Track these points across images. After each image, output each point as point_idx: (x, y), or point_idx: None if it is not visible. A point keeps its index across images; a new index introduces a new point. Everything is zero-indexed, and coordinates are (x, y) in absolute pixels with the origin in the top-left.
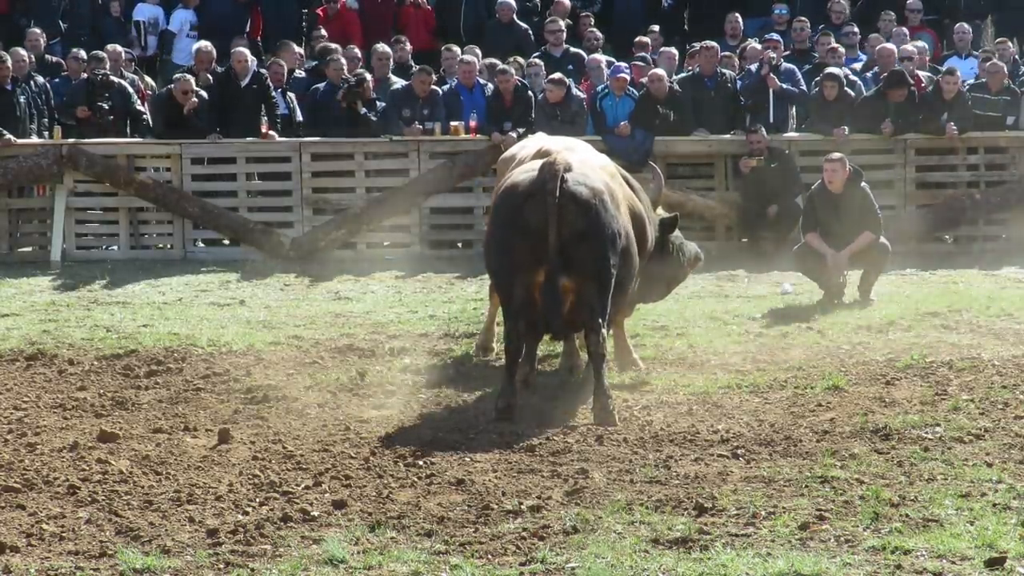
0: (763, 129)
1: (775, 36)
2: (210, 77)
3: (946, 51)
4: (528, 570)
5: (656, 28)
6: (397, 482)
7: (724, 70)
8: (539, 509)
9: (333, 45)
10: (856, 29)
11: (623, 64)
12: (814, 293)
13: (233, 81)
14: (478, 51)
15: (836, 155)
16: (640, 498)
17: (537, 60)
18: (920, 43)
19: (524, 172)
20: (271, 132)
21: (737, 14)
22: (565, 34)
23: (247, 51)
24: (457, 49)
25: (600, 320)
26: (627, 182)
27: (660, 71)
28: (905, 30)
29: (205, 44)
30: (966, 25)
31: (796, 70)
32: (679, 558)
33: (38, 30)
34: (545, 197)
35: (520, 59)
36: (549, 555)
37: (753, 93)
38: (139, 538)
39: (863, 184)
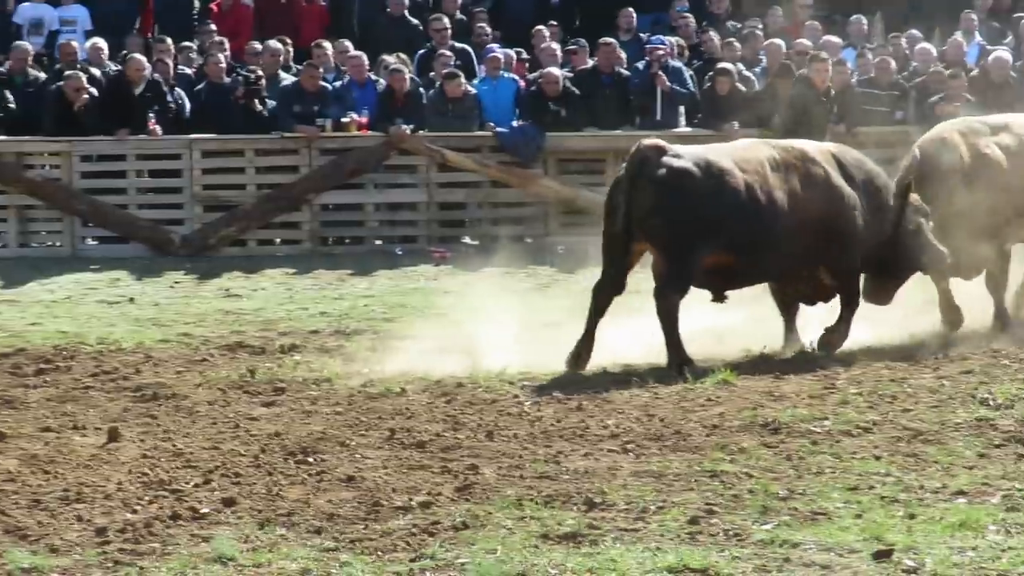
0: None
1: (663, 40)
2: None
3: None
4: (418, 566)
5: (555, 23)
6: (287, 479)
7: (621, 69)
8: (429, 505)
9: (219, 39)
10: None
11: (494, 46)
12: None
13: (126, 87)
14: (348, 44)
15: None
16: (530, 493)
17: (447, 52)
18: (807, 41)
19: None
20: (156, 127)
21: (631, 9)
22: (451, 31)
23: (144, 59)
24: (328, 45)
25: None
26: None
27: (556, 72)
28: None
29: (94, 42)
30: (863, 17)
31: (683, 68)
32: (569, 553)
33: None
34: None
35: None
36: (439, 551)
37: (642, 91)
38: (27, 537)
39: None
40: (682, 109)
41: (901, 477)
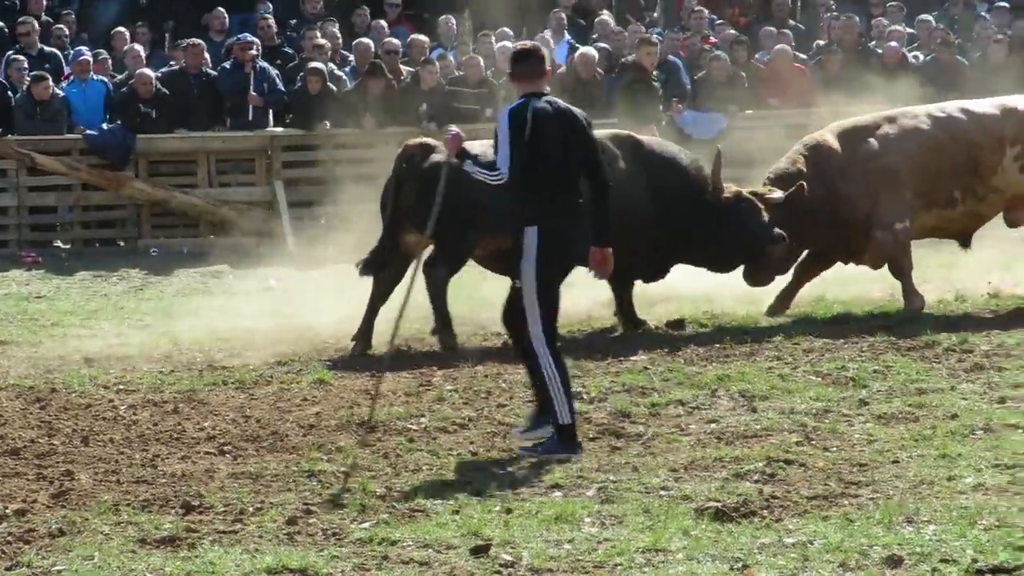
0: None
1: (249, 37)
2: None
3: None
4: (14, 574)
5: (143, 24)
6: None
7: (209, 70)
8: (24, 513)
9: None
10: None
11: (84, 48)
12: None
13: None
14: None
15: None
16: (127, 498)
17: (20, 56)
18: (395, 40)
19: None
20: None
21: (222, 9)
22: (39, 33)
23: None
24: None
25: None
26: None
27: (148, 72)
28: (384, 23)
29: None
30: (451, 17)
31: (268, 67)
32: (167, 557)
33: None
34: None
35: None
36: (35, 559)
37: (234, 91)
38: None
39: None
40: (271, 110)
41: (497, 472)
